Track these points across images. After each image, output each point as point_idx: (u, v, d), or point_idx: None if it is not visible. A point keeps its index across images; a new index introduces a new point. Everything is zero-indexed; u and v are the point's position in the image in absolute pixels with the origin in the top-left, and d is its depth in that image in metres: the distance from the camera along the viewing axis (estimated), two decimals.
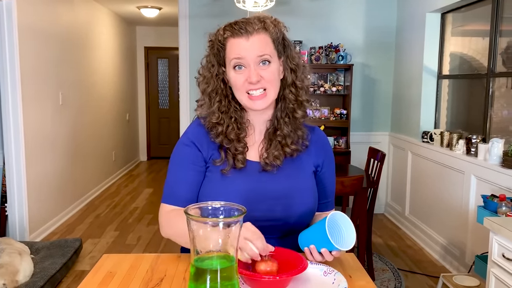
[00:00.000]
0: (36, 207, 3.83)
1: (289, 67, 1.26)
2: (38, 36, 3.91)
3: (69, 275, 3.18)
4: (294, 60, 1.27)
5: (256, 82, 1.18)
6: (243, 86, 1.20)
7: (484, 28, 3.27)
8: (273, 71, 1.21)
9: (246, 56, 1.18)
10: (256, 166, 1.27)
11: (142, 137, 7.96)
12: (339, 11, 4.53)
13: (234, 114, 1.26)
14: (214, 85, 1.25)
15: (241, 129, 1.26)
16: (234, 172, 1.25)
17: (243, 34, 1.19)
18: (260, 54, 1.18)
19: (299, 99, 1.27)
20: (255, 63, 1.19)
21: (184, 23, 4.48)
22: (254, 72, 1.18)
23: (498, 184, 2.73)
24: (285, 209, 1.24)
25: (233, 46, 1.20)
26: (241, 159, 1.25)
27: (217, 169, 1.25)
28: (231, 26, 1.21)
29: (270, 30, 1.21)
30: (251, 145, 1.29)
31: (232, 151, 1.25)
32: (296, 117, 1.27)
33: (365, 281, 1.08)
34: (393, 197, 4.60)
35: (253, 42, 1.18)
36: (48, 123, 4.10)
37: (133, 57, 7.56)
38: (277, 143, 1.26)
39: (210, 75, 1.26)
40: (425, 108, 3.96)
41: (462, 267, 3.15)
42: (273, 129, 1.28)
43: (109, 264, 1.19)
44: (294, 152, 1.28)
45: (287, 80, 1.26)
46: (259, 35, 1.19)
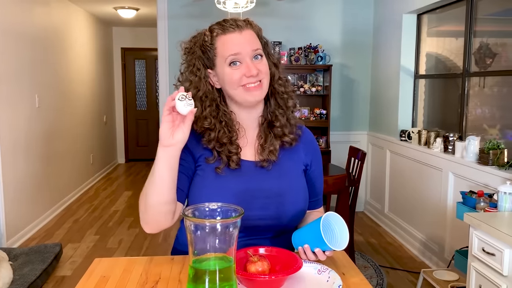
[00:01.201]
0: (13, 212, 3.74)
1: (273, 62, 1.30)
2: (13, 37, 3.82)
3: (49, 281, 3.12)
4: (275, 56, 1.32)
5: (256, 75, 1.21)
6: (240, 81, 1.21)
7: (458, 28, 3.36)
8: (266, 64, 1.25)
9: (241, 51, 1.20)
10: (250, 165, 1.28)
11: (120, 139, 7.85)
12: (317, 13, 4.58)
13: (223, 118, 1.26)
14: (204, 88, 1.25)
15: (232, 131, 1.26)
16: (227, 171, 1.25)
17: (235, 29, 1.21)
18: (254, 48, 1.22)
19: (287, 90, 1.32)
20: (250, 58, 1.21)
21: (163, 24, 4.44)
22: (252, 66, 1.20)
23: (475, 180, 2.81)
24: (278, 207, 1.25)
25: (227, 43, 1.21)
26: (235, 160, 1.25)
27: (210, 167, 1.25)
28: (219, 24, 1.23)
29: (254, 26, 1.26)
30: (244, 146, 1.29)
31: (225, 153, 1.25)
32: (288, 107, 1.31)
33: (358, 278, 1.10)
34: (373, 195, 4.68)
35: (245, 36, 1.22)
36: (24, 126, 4.01)
37: (110, 58, 7.45)
38: (272, 137, 1.28)
39: (198, 78, 1.25)
40: (402, 108, 4.04)
41: (442, 262, 3.23)
42: (267, 123, 1.30)
43: (102, 268, 1.18)
44: (293, 141, 1.31)
45: (274, 74, 1.29)
46: (248, 30, 1.23)
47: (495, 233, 1.82)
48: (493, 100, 3.15)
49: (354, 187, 3.24)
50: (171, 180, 1.12)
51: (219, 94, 1.27)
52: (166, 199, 1.13)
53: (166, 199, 1.13)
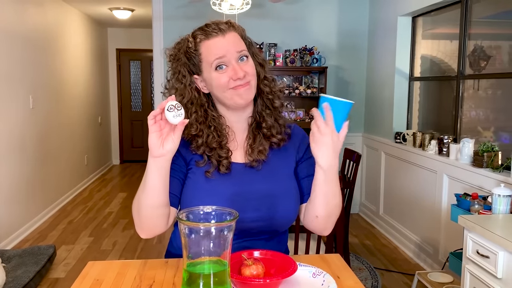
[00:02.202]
0: (6, 214, 3.71)
1: (258, 62, 1.29)
2: (7, 38, 3.80)
3: (43, 283, 3.10)
4: (260, 55, 1.31)
5: (243, 77, 1.20)
6: (227, 84, 1.20)
7: (453, 31, 3.37)
8: (252, 65, 1.24)
9: (226, 54, 1.19)
10: (241, 167, 1.28)
11: (115, 140, 7.83)
12: (313, 15, 4.59)
13: (212, 123, 1.26)
14: (189, 96, 1.25)
15: (221, 136, 1.26)
16: (217, 174, 1.25)
17: (218, 33, 1.20)
18: (239, 50, 1.21)
19: (273, 90, 1.31)
20: (235, 60, 1.20)
21: (158, 25, 4.43)
22: (239, 69, 1.19)
23: (469, 182, 2.82)
24: (270, 208, 1.24)
25: (211, 47, 1.20)
26: (225, 164, 1.24)
27: (200, 171, 1.25)
28: (202, 30, 1.22)
29: (236, 28, 1.25)
30: (234, 150, 1.29)
31: (215, 158, 1.25)
32: (275, 107, 1.31)
33: (353, 281, 1.10)
34: (367, 197, 4.68)
35: (228, 38, 1.21)
36: (18, 127, 3.98)
37: (105, 59, 7.43)
38: (261, 137, 1.28)
39: (183, 85, 1.25)
40: (397, 110, 4.06)
41: (436, 264, 3.24)
42: (255, 124, 1.30)
43: (95, 271, 1.18)
44: (281, 142, 1.30)
45: (259, 75, 1.29)
46: (231, 32, 1.22)
47: (489, 235, 1.83)
48: (487, 103, 3.17)
49: (349, 189, 3.24)
50: (163, 186, 1.12)
51: (207, 99, 1.27)
52: (159, 203, 1.13)
53: (159, 203, 1.13)
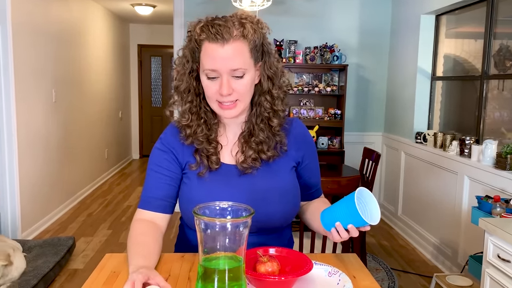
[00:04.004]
0: (29, 205, 3.79)
1: (266, 74, 1.21)
2: (31, 33, 3.87)
3: (62, 274, 3.16)
4: (272, 67, 1.22)
5: (227, 95, 1.15)
6: (214, 95, 1.17)
7: (478, 30, 3.30)
8: (245, 84, 1.16)
9: (218, 68, 1.13)
10: (233, 169, 1.25)
11: (135, 135, 7.92)
12: (334, 12, 4.55)
13: (204, 115, 1.24)
14: (187, 84, 1.22)
15: (210, 130, 1.24)
16: (211, 175, 1.24)
17: (218, 40, 1.12)
18: (234, 68, 1.13)
19: (275, 108, 1.24)
20: (228, 74, 1.14)
21: (179, 21, 4.46)
22: (226, 85, 1.13)
23: (491, 185, 2.76)
24: (266, 210, 1.22)
25: (208, 53, 1.14)
26: (214, 160, 1.23)
27: (194, 173, 1.25)
28: (207, 28, 1.14)
29: (249, 37, 1.14)
30: (225, 145, 1.27)
31: (204, 153, 1.24)
32: (271, 125, 1.24)
33: (369, 281, 1.09)
34: (386, 197, 4.63)
35: (227, 51, 1.12)
36: (41, 121, 4.06)
37: (126, 55, 7.51)
38: (251, 148, 1.24)
39: (184, 71, 1.22)
40: (418, 109, 4.00)
41: (455, 267, 3.19)
42: (248, 132, 1.26)
43: (112, 263, 1.19)
44: (271, 158, 1.25)
45: (263, 87, 1.22)
46: (235, 42, 1.12)
47: (511, 239, 1.79)
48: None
49: (368, 188, 3.21)
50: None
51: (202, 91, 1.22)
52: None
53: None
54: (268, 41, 1.22)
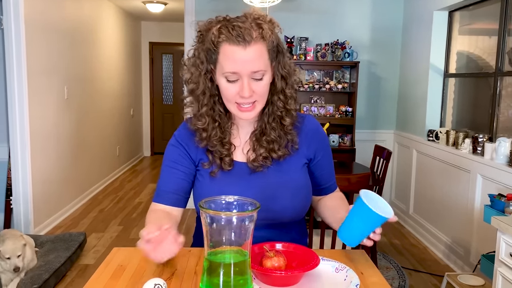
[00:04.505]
0: (41, 201, 3.84)
1: (280, 74, 1.21)
2: (44, 30, 3.91)
3: (73, 269, 3.19)
4: (286, 66, 1.21)
5: (249, 97, 1.15)
6: (234, 98, 1.16)
7: (492, 26, 3.25)
8: (264, 85, 1.17)
9: (240, 71, 1.12)
10: (244, 167, 1.26)
11: (146, 133, 7.96)
12: (345, 8, 4.51)
13: (218, 118, 1.24)
14: (203, 86, 1.20)
15: (224, 132, 1.25)
16: (222, 174, 1.25)
17: (240, 43, 1.10)
18: (255, 70, 1.13)
19: (287, 107, 1.23)
20: (248, 77, 1.13)
21: (190, 18, 4.46)
22: (247, 88, 1.13)
23: (504, 183, 2.72)
24: (276, 207, 1.23)
25: (228, 56, 1.12)
26: (227, 162, 1.24)
27: (206, 172, 1.26)
28: (227, 30, 1.11)
29: (267, 38, 1.14)
30: (238, 146, 1.28)
31: (217, 155, 1.25)
32: (283, 124, 1.24)
33: (377, 277, 1.08)
34: (397, 195, 4.59)
35: (249, 53, 1.11)
36: (53, 117, 4.10)
37: (138, 52, 7.55)
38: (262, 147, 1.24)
39: (198, 73, 1.20)
40: (431, 107, 3.95)
41: (467, 266, 3.15)
42: (260, 131, 1.26)
43: (119, 257, 1.19)
44: (281, 157, 1.25)
45: (276, 86, 1.21)
46: (256, 45, 1.12)
47: None
48: None
49: (378, 186, 3.18)
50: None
51: (218, 92, 1.22)
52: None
53: None
54: (281, 40, 1.22)
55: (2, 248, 2.59)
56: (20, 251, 2.64)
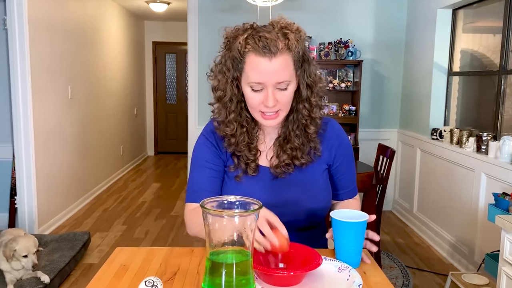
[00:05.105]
0: (45, 200, 3.85)
1: (305, 82, 1.21)
2: (48, 30, 3.92)
3: (77, 268, 3.20)
4: (311, 75, 1.21)
5: (272, 106, 1.16)
6: (258, 106, 1.18)
7: (496, 24, 3.23)
8: (288, 95, 1.17)
9: (265, 82, 1.13)
10: (268, 172, 1.28)
11: (150, 132, 7.98)
12: (348, 7, 4.50)
13: (245, 124, 1.25)
14: (230, 93, 1.21)
15: (251, 138, 1.26)
16: (246, 178, 1.27)
17: (266, 54, 1.11)
18: (280, 81, 1.13)
19: (312, 115, 1.24)
20: (273, 87, 1.14)
21: (193, 18, 4.46)
22: (271, 98, 1.14)
23: (509, 182, 2.70)
24: (295, 211, 1.25)
25: (253, 66, 1.13)
26: (253, 167, 1.26)
27: (232, 175, 1.28)
28: (254, 40, 1.12)
29: (293, 49, 1.14)
30: (263, 151, 1.29)
31: (244, 159, 1.26)
32: (308, 132, 1.25)
33: (379, 277, 1.07)
34: (401, 194, 4.58)
35: (274, 65, 1.11)
36: (57, 117, 4.11)
37: (141, 51, 7.56)
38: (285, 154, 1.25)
39: (225, 80, 1.20)
40: (434, 105, 3.93)
41: (471, 265, 3.13)
42: (284, 137, 1.27)
43: (122, 257, 1.20)
44: (304, 165, 1.26)
45: (301, 94, 1.21)
46: (282, 56, 1.12)
47: None
48: None
49: (382, 185, 3.17)
50: None
51: (244, 98, 1.22)
52: None
53: None
54: (307, 48, 1.22)
55: (18, 247, 2.60)
56: (35, 248, 2.66)
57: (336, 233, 1.12)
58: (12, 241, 2.64)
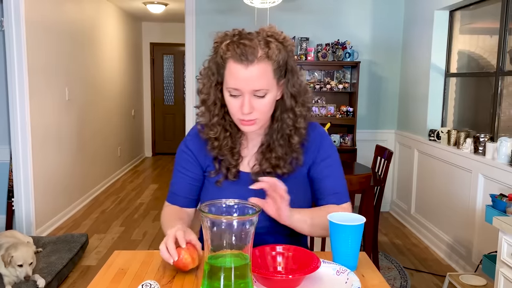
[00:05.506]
0: (43, 202, 3.84)
1: (289, 92, 1.21)
2: (45, 31, 3.91)
3: (75, 270, 3.19)
4: (296, 85, 1.21)
5: (248, 114, 1.16)
6: (237, 112, 1.19)
7: (493, 26, 3.24)
8: (266, 104, 1.17)
9: (241, 88, 1.14)
10: (249, 178, 1.27)
11: (147, 133, 7.97)
12: (346, 8, 4.51)
13: (229, 128, 1.26)
14: (214, 97, 1.23)
15: (234, 142, 1.27)
16: (227, 183, 1.28)
17: (242, 61, 1.12)
18: (256, 89, 1.14)
19: (297, 125, 1.23)
20: (250, 94, 1.15)
21: (190, 19, 4.47)
22: (247, 105, 1.15)
23: (506, 183, 2.71)
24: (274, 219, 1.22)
25: (231, 72, 1.15)
26: (233, 173, 1.27)
27: (212, 180, 1.30)
28: (233, 47, 1.13)
29: (273, 58, 1.14)
30: (245, 156, 1.30)
31: (225, 164, 1.28)
32: (291, 142, 1.25)
33: (378, 280, 1.08)
34: (399, 195, 4.59)
35: (251, 72, 1.12)
36: (54, 118, 4.11)
37: (139, 53, 7.56)
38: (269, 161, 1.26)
39: (210, 84, 1.22)
40: (432, 106, 3.94)
41: (469, 266, 3.14)
42: (267, 146, 1.27)
43: (121, 260, 1.19)
44: (285, 174, 1.26)
45: (286, 104, 1.22)
46: (259, 64, 1.12)
47: None
48: None
49: (380, 186, 3.18)
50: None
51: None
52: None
53: None
54: (293, 58, 1.22)
55: (15, 255, 2.57)
56: (32, 259, 2.63)
57: (333, 236, 1.12)
58: (13, 247, 2.62)
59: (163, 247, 1.07)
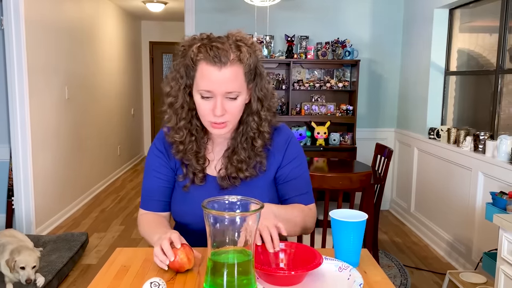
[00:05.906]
0: (43, 201, 3.84)
1: (256, 96, 1.23)
2: (44, 30, 3.91)
3: (75, 269, 3.19)
4: (263, 89, 1.24)
5: (220, 116, 1.17)
6: (208, 115, 1.19)
7: (493, 24, 3.25)
8: (237, 106, 1.19)
9: (214, 90, 1.15)
10: (215, 182, 1.30)
11: (147, 132, 7.97)
12: (346, 6, 4.51)
13: (195, 132, 1.27)
14: (181, 100, 1.23)
15: (199, 147, 1.28)
16: (194, 188, 1.29)
17: (216, 63, 1.13)
18: (228, 91, 1.15)
19: (261, 129, 1.25)
20: (222, 96, 1.16)
21: (190, 18, 4.46)
22: (219, 107, 1.15)
23: (506, 181, 2.72)
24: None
25: (203, 74, 1.15)
26: (200, 177, 1.28)
27: (180, 184, 1.31)
28: (206, 49, 1.14)
29: (244, 61, 1.16)
30: (212, 160, 1.31)
31: (191, 169, 1.28)
32: (254, 145, 1.26)
33: (380, 276, 1.08)
34: (399, 193, 4.59)
35: (224, 74, 1.13)
36: (54, 117, 4.10)
37: (138, 52, 7.55)
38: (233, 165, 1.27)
39: (178, 87, 1.23)
40: (432, 105, 3.95)
41: (469, 264, 3.15)
42: (231, 149, 1.28)
43: (123, 258, 1.20)
44: (248, 178, 1.27)
45: (252, 107, 1.24)
46: (232, 67, 1.14)
47: None
48: None
49: (380, 185, 3.18)
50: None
51: (196, 107, 1.23)
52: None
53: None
54: (261, 63, 1.24)
55: (18, 258, 2.57)
56: (35, 263, 2.62)
57: (335, 233, 1.12)
58: (16, 251, 2.62)
59: (158, 249, 1.06)
